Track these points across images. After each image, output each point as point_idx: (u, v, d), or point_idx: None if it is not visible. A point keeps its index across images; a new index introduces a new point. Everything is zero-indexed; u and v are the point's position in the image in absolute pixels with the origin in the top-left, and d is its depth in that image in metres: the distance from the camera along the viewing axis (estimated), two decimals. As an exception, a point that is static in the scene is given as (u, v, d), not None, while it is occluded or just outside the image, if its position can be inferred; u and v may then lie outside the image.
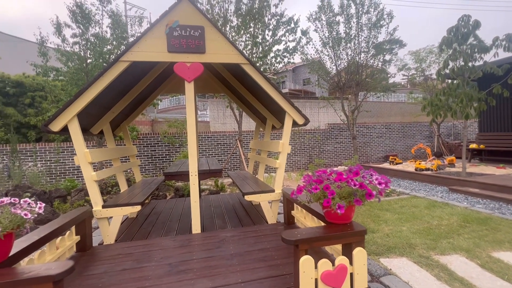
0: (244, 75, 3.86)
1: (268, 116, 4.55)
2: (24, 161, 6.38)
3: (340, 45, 10.00)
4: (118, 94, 3.89)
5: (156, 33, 3.08)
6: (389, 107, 19.01)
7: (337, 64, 10.09)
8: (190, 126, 3.21)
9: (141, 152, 9.04)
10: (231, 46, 3.26)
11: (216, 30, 3.23)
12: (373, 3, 9.54)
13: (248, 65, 3.32)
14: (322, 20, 9.97)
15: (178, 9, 3.12)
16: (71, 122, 2.94)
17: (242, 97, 5.14)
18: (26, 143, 7.23)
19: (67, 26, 6.84)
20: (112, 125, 4.58)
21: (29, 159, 6.90)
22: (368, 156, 12.10)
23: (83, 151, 2.96)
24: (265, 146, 4.30)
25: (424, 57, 11.86)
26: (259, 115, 5.25)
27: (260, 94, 4.12)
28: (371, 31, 9.75)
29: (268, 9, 7.95)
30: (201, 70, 3.23)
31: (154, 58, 3.10)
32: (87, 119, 3.66)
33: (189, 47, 3.16)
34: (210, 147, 9.77)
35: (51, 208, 4.51)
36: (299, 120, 3.52)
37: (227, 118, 17.78)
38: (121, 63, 3.02)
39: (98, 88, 2.97)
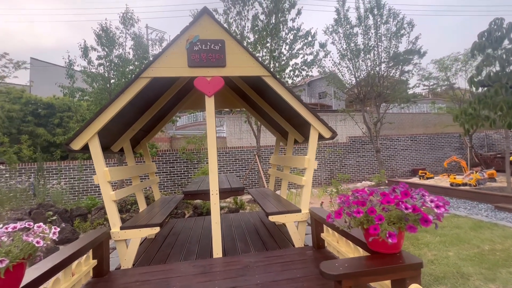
0: (265, 88, 3.72)
1: (290, 130, 4.35)
2: (48, 179, 6.56)
3: (359, 57, 9.79)
4: (139, 111, 3.86)
5: (176, 49, 3.04)
6: (410, 118, 18.21)
7: (357, 75, 9.83)
8: (211, 141, 3.06)
9: (160, 168, 9.06)
10: (252, 58, 3.15)
11: (236, 43, 3.14)
12: (392, 13, 9.34)
13: (270, 77, 3.17)
14: (339, 32, 9.87)
15: (199, 24, 3.08)
16: (91, 140, 2.89)
17: (261, 111, 4.99)
18: (52, 161, 7.46)
19: (93, 49, 7.16)
20: (132, 143, 4.56)
21: (54, 177, 7.09)
22: (393, 170, 11.44)
23: (102, 170, 2.87)
24: (288, 162, 4.06)
25: (449, 65, 11.32)
26: (279, 129, 5.06)
27: (282, 107, 3.95)
28: (391, 41, 9.49)
29: (285, 24, 7.96)
30: (222, 84, 3.12)
31: (175, 74, 3.04)
32: (108, 137, 3.63)
33: (210, 61, 3.08)
34: (228, 163, 9.64)
35: (71, 228, 4.46)
36: (325, 134, 3.28)
37: (243, 133, 17.77)
38: (142, 80, 2.97)
39: (118, 105, 2.93)
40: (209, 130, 3.08)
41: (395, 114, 15.37)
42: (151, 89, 3.59)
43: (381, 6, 9.50)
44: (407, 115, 17.70)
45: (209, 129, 3.08)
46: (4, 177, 6.34)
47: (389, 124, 10.10)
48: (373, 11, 9.59)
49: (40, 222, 4.81)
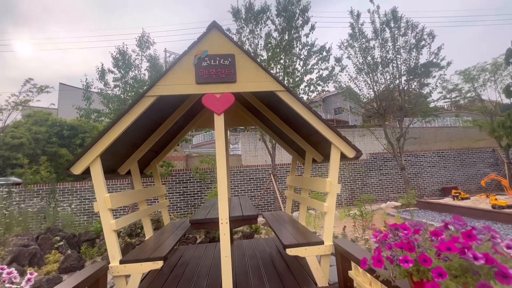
0: (279, 104, 3.45)
1: (308, 148, 3.99)
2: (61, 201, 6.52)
3: (377, 70, 9.43)
4: (147, 131, 3.69)
5: (183, 65, 2.86)
6: (433, 132, 17.19)
7: (375, 89, 9.41)
8: (220, 163, 2.77)
9: (173, 188, 8.87)
10: (265, 72, 2.91)
11: (247, 57, 2.92)
12: (410, 24, 9.01)
13: (285, 92, 2.90)
14: (355, 47, 9.62)
15: (207, 38, 2.91)
16: (93, 163, 2.70)
17: (276, 128, 4.70)
18: (67, 182, 7.50)
19: (110, 71, 7.33)
20: (141, 164, 4.38)
21: (67, 199, 7.06)
22: (421, 189, 10.57)
23: (103, 196, 2.64)
24: (307, 184, 3.67)
25: (475, 76, 10.64)
26: (296, 147, 4.71)
27: (298, 124, 3.63)
28: (411, 53, 9.08)
29: (298, 40, 7.84)
30: (232, 101, 2.88)
31: (182, 91, 2.84)
32: (114, 159, 3.45)
33: (219, 77, 2.86)
34: (242, 182, 9.29)
35: (78, 254, 4.23)
36: (348, 153, 2.90)
37: (258, 150, 17.49)
38: (147, 99, 2.79)
39: (122, 126, 2.74)
40: (219, 150, 2.81)
41: (416, 128, 14.54)
42: (159, 108, 3.42)
43: (397, 18, 9.23)
44: (429, 129, 16.74)
45: (218, 149, 2.81)
46: (18, 199, 6.39)
47: (414, 139, 9.46)
48: (389, 24, 9.32)
49: (46, 247, 4.59)
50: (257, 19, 7.96)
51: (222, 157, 2.79)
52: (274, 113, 4.07)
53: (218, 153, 2.82)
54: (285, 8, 7.60)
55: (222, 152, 2.79)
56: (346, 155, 2.93)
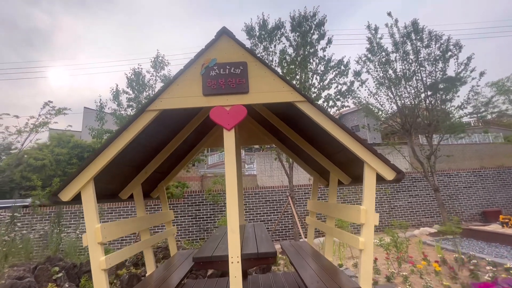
0: (298, 117, 3.01)
1: (332, 169, 3.46)
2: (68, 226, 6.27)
3: (399, 84, 8.87)
4: (151, 151, 3.35)
5: (189, 76, 2.54)
6: (460, 149, 15.89)
7: (399, 103, 8.78)
8: (230, 188, 2.33)
9: (185, 211, 8.44)
10: (281, 81, 2.52)
11: (261, 64, 2.56)
12: (434, 35, 8.52)
13: (305, 103, 2.48)
14: (374, 61, 9.19)
15: (216, 46, 2.60)
16: (85, 188, 2.34)
17: (293, 146, 4.23)
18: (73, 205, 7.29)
19: (124, 92, 7.30)
20: (147, 186, 4.02)
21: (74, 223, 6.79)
22: (457, 213, 9.45)
23: (93, 227, 2.25)
24: (333, 211, 3.11)
25: (510, 87, 9.76)
26: (317, 167, 4.19)
27: (321, 140, 3.16)
28: (436, 65, 8.50)
29: (314, 55, 7.54)
30: (244, 114, 2.49)
31: (187, 104, 2.50)
32: (114, 182, 3.11)
33: (229, 87, 2.50)
34: (258, 204, 8.71)
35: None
36: (387, 174, 2.37)
37: (274, 170, 16.90)
38: (148, 113, 2.46)
39: (120, 144, 2.40)
40: (228, 173, 2.38)
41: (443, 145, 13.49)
42: (164, 125, 3.09)
43: (419, 30, 8.78)
44: (455, 147, 15.49)
45: (228, 171, 2.38)
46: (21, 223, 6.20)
47: (447, 157, 8.59)
48: (410, 36, 8.88)
49: (43, 280, 4.18)
50: (271, 36, 7.81)
51: (232, 180, 2.35)
52: (292, 128, 3.63)
53: (228, 176, 2.39)
54: (299, 24, 7.42)
55: (232, 175, 2.36)
56: (383, 177, 2.40)
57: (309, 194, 8.94)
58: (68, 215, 7.02)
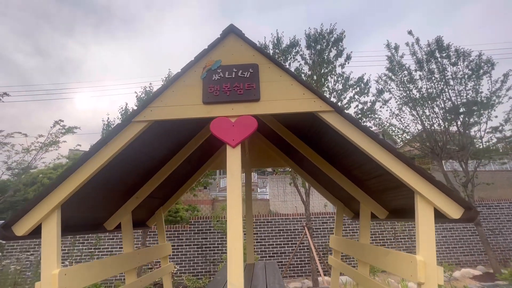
0: (321, 133, 2.45)
1: (363, 198, 2.78)
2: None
3: (424, 104, 8.18)
4: (145, 172, 2.84)
5: (188, 80, 2.08)
6: (490, 176, 14.39)
7: (426, 124, 8.01)
8: (233, 223, 1.74)
9: (191, 240, 7.73)
10: (302, 87, 2.00)
11: (275, 66, 2.07)
12: (462, 53, 7.93)
13: (333, 113, 1.92)
14: (395, 80, 8.64)
15: (221, 46, 2.15)
16: (47, 220, 1.82)
17: (312, 168, 3.61)
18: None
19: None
20: (141, 214, 3.47)
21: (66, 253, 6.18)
22: (502, 251, 8.13)
23: (50, 273, 1.68)
24: (369, 257, 2.39)
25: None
26: (341, 194, 3.51)
27: (350, 161, 2.53)
28: (466, 83, 7.81)
29: (332, 73, 7.10)
30: (254, 127, 1.96)
31: (183, 114, 2.01)
32: (97, 210, 2.59)
33: (235, 94, 2.01)
34: (270, 234, 7.88)
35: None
36: (451, 210, 1.71)
37: (288, 195, 16.00)
38: (135, 125, 1.98)
39: (97, 164, 1.91)
40: (232, 203, 1.80)
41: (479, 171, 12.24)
42: (160, 141, 2.61)
43: (443, 48, 8.23)
44: (483, 173, 14.03)
45: (231, 200, 1.81)
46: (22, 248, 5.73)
47: (487, 185, 7.55)
48: (434, 54, 8.33)
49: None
50: (285, 55, 7.51)
51: (235, 214, 1.77)
52: (311, 146, 3.03)
53: (231, 209, 1.81)
54: (315, 40, 7.11)
55: (235, 207, 1.78)
56: (445, 214, 1.73)
57: (328, 224, 8.03)
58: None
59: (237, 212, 1.81)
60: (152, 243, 7.31)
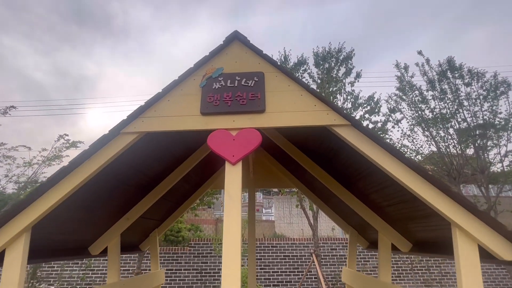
0: (334, 150, 2.17)
1: (382, 227, 2.43)
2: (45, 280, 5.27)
3: (437, 125, 7.84)
4: (137, 191, 2.58)
5: (185, 88, 1.87)
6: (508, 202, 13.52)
7: (441, 147, 7.62)
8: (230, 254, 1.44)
9: (189, 264, 7.26)
10: (313, 97, 1.77)
11: (283, 75, 1.86)
12: (475, 73, 7.69)
13: (349, 127, 1.67)
14: (406, 100, 8.40)
15: (224, 53, 1.96)
16: (13, 245, 1.55)
17: (322, 190, 3.28)
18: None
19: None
20: (134, 236, 3.17)
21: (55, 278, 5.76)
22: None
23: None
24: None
25: None
26: (355, 220, 3.14)
27: (368, 184, 2.22)
28: (482, 104, 7.49)
29: (341, 90, 6.93)
30: (258, 142, 1.71)
31: (178, 126, 1.79)
32: (80, 232, 2.31)
33: (237, 104, 1.78)
34: (275, 260, 7.34)
35: None
36: (501, 251, 1.38)
37: (294, 216, 15.37)
38: (124, 137, 1.75)
39: (77, 179, 1.66)
40: (228, 229, 1.51)
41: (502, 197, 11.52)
42: (153, 156, 2.37)
43: (455, 68, 8.03)
44: (507, 199, 13.22)
45: (228, 226, 1.52)
46: None
47: (510, 213, 6.98)
48: (446, 74, 8.12)
49: None
50: (293, 73, 7.43)
51: (233, 244, 1.47)
52: (322, 166, 2.73)
53: (228, 237, 1.51)
54: (324, 58, 7.03)
55: (233, 235, 1.48)
56: (491, 252, 1.38)
57: (337, 251, 7.46)
58: (50, 264, 6.17)
59: (234, 242, 1.51)
60: (149, 267, 6.87)
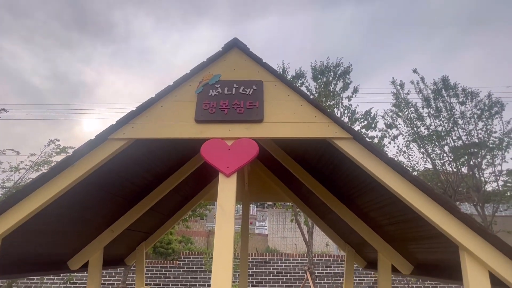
0: (334, 165, 2.08)
1: (382, 247, 2.31)
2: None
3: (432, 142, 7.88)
4: (124, 201, 2.43)
5: (180, 94, 1.78)
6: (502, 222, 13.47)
7: (437, 164, 7.61)
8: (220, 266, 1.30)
9: (178, 279, 6.94)
10: (313, 108, 1.69)
11: (283, 84, 1.79)
12: (469, 92, 7.82)
13: (351, 140, 1.59)
14: (402, 116, 8.46)
15: (222, 60, 1.90)
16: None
17: (319, 205, 3.16)
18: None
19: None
20: (119, 249, 2.98)
21: None
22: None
23: None
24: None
25: None
26: (352, 239, 3.01)
27: (368, 201, 2.12)
28: (477, 123, 7.58)
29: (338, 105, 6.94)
30: (254, 153, 1.61)
31: (170, 133, 1.68)
32: (58, 246, 2.13)
33: (234, 113, 1.69)
34: (267, 277, 7.07)
35: None
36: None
37: (287, 231, 15.07)
38: (111, 143, 1.64)
39: (55, 189, 1.53)
40: (219, 242, 1.39)
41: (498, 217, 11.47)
42: (142, 166, 2.24)
43: (450, 86, 8.17)
44: (506, 219, 13.20)
45: (218, 239, 1.39)
46: None
47: (508, 233, 6.88)
48: (440, 93, 8.25)
49: None
50: (291, 86, 7.45)
51: (224, 261, 1.33)
52: (320, 180, 2.63)
53: (219, 253, 1.38)
54: (322, 72, 7.07)
55: (225, 251, 1.35)
56: (505, 281, 1.28)
57: (331, 268, 7.24)
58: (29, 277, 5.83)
59: (225, 259, 1.37)
60: (134, 280, 6.55)
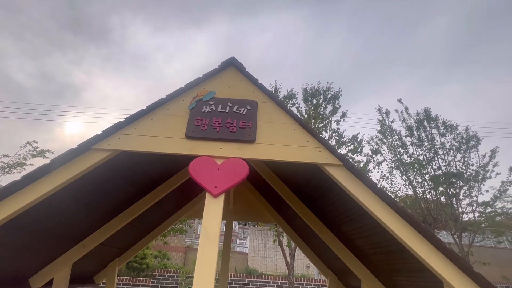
0: (323, 191, 2.06)
1: (366, 277, 2.27)
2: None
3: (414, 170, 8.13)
4: (101, 214, 2.28)
5: (172, 109, 1.75)
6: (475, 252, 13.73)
7: (418, 192, 7.81)
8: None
9: (151, 298, 6.50)
10: (305, 133, 1.70)
11: (277, 107, 1.80)
12: (449, 125, 8.24)
13: (341, 168, 1.59)
14: (386, 143, 8.74)
15: (218, 77, 1.89)
16: None
17: (304, 229, 3.11)
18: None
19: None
20: (89, 265, 2.76)
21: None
22: None
23: None
24: None
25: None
26: (335, 265, 2.96)
27: (355, 228, 2.10)
28: (455, 155, 7.93)
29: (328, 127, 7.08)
30: (244, 174, 1.58)
31: (159, 148, 1.62)
32: (20, 260, 1.95)
33: (226, 131, 1.66)
34: (246, 300, 6.77)
35: None
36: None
37: (268, 250, 14.74)
38: (94, 154, 1.56)
39: (25, 199, 1.41)
40: (201, 266, 1.30)
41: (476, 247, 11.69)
42: (124, 177, 2.13)
43: (432, 118, 8.59)
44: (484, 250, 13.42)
45: (200, 263, 1.31)
46: None
47: (484, 264, 7.01)
48: (423, 123, 8.64)
49: None
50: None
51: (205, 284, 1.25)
52: (307, 204, 2.60)
53: (198, 275, 1.29)
54: (313, 95, 7.27)
55: (207, 274, 1.27)
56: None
57: (312, 292, 7.05)
58: None
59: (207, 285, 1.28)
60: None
